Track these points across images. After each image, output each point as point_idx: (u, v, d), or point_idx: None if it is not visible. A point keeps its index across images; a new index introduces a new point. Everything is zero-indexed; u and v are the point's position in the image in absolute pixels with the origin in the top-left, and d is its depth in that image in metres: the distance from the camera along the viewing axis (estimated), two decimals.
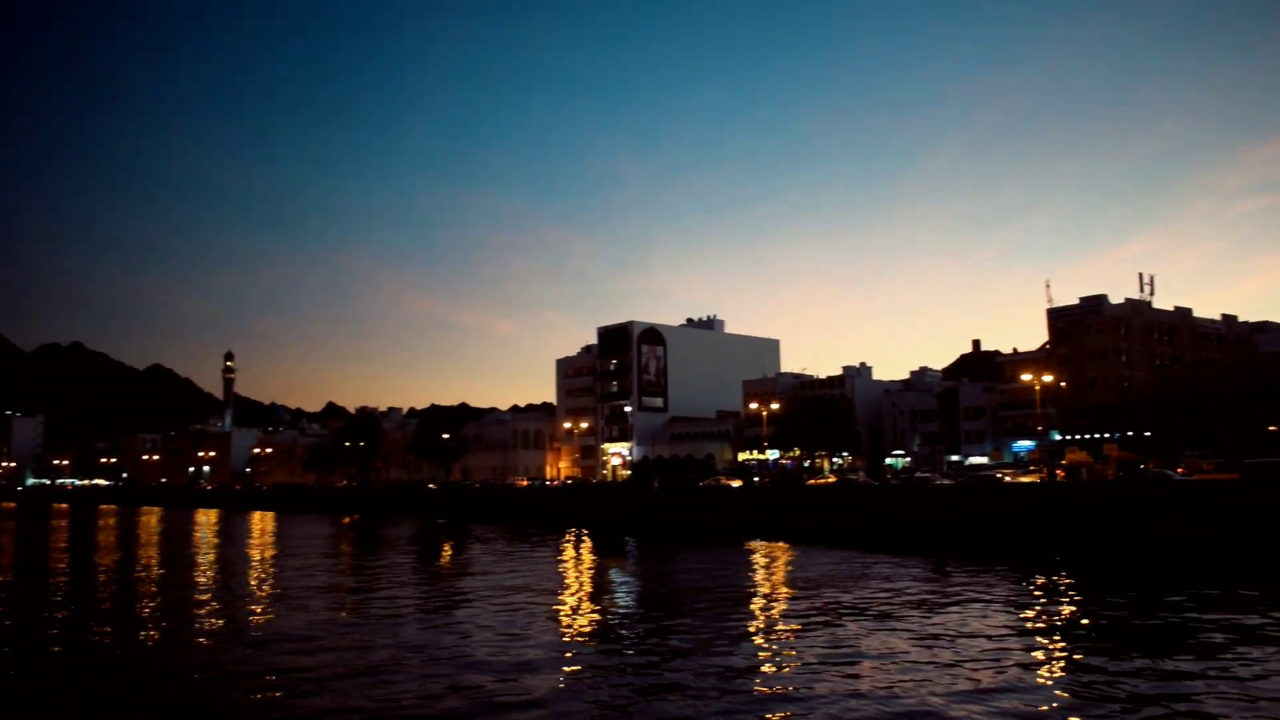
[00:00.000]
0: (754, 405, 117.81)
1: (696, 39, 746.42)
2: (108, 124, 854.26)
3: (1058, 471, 69.17)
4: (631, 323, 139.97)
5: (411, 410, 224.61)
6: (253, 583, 42.38)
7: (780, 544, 58.02)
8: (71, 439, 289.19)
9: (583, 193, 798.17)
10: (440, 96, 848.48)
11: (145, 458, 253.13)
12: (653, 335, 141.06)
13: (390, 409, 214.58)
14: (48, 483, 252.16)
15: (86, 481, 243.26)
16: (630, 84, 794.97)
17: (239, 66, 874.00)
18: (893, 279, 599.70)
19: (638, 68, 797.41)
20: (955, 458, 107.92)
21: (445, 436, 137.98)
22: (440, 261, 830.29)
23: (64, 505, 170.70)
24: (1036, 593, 35.00)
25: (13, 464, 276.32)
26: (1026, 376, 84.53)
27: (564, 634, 27.75)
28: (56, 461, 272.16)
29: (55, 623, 31.21)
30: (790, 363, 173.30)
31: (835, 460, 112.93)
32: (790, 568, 45.86)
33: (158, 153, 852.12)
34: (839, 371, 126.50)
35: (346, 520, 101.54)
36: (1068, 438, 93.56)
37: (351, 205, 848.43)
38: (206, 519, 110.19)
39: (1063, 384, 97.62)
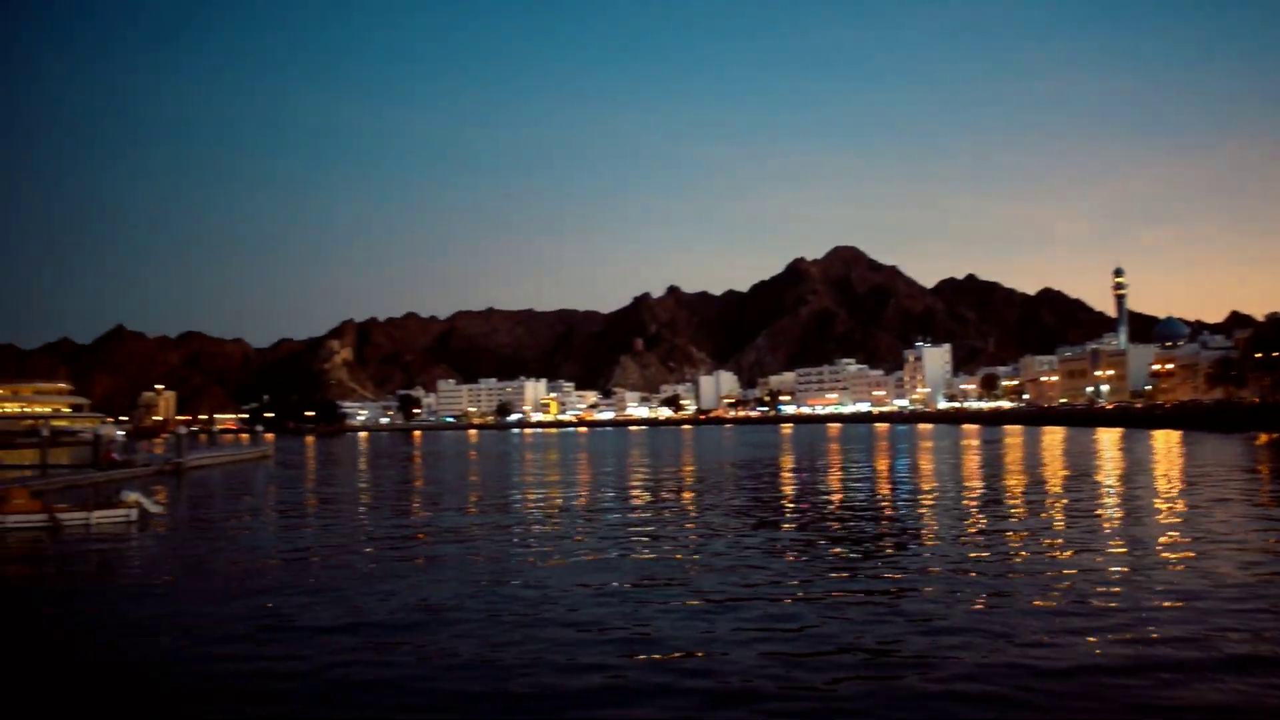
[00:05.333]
0: None
1: None
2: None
3: None
4: None
5: None
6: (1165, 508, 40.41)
7: None
8: (975, 363, 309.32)
9: None
10: None
11: (1043, 379, 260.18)
12: None
13: None
14: (957, 405, 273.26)
15: (990, 405, 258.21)
16: None
17: None
18: None
19: None
20: None
21: None
22: None
23: (974, 426, 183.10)
24: None
25: (926, 390, 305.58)
26: None
27: None
28: (964, 387, 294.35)
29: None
30: None
31: None
32: None
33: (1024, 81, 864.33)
34: None
35: (1263, 439, 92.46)
36: None
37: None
38: (1108, 438, 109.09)
39: None
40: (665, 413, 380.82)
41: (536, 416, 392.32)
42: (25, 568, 29.74)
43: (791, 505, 43.26)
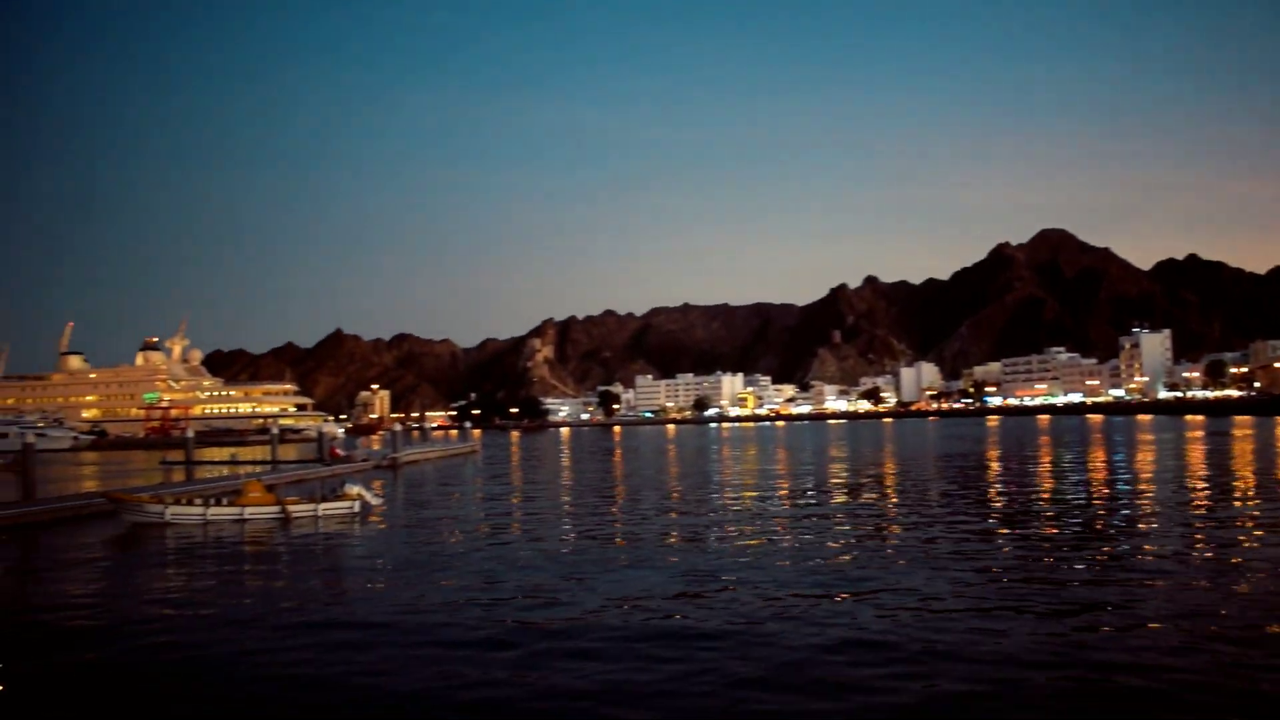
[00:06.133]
0: None
1: None
2: None
3: None
4: None
5: None
6: None
7: None
8: (1199, 350, 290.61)
9: None
10: None
11: (1276, 366, 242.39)
12: None
13: None
14: (1179, 395, 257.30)
15: (1216, 394, 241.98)
16: None
17: None
18: None
19: None
20: None
21: None
22: None
23: (1198, 417, 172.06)
24: None
25: (1144, 379, 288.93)
26: None
27: None
28: (1187, 375, 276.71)
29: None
30: None
31: None
32: None
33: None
34: None
35: None
36: None
37: None
38: None
39: None
40: (864, 406, 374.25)
41: (733, 411, 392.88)
42: (265, 554, 31.84)
43: (1004, 505, 41.61)
